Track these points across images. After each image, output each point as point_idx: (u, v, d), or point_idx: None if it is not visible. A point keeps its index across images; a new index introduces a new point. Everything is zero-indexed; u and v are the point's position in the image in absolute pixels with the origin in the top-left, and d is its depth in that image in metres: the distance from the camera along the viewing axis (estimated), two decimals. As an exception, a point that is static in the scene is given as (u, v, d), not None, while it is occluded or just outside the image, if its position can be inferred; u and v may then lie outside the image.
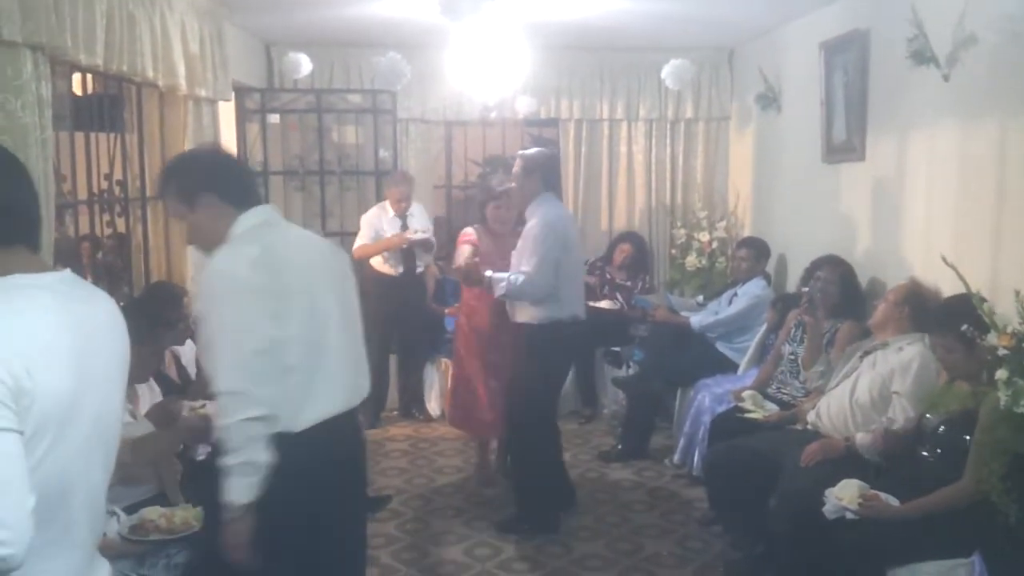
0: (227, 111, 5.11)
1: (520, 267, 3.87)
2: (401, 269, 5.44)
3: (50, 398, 1.31)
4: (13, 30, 2.57)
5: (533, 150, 4.27)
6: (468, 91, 5.31)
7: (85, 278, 3.08)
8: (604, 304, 5.61)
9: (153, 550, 2.54)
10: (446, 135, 6.64)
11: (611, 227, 6.48)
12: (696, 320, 5.08)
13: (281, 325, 2.09)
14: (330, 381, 2.21)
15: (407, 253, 5.44)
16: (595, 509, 4.26)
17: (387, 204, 5.51)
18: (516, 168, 4.05)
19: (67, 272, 1.53)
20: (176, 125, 4.20)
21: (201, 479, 2.69)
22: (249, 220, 2.19)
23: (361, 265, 5.67)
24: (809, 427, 3.60)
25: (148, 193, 4.12)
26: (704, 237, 6.15)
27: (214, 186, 2.20)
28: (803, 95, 5.02)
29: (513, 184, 4.12)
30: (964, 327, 2.70)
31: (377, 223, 5.44)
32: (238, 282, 2.07)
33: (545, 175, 4.00)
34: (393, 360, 5.73)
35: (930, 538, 2.65)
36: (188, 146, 4.22)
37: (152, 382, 3.18)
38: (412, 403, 5.75)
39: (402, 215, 5.41)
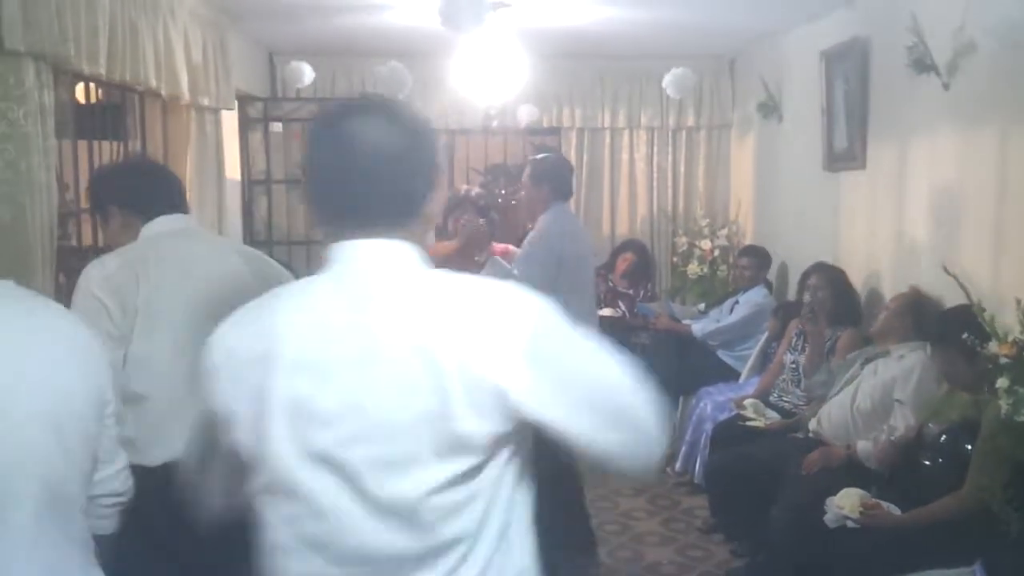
0: (230, 120, 5.12)
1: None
2: None
3: None
4: (15, 39, 2.57)
5: (543, 156, 4.04)
6: (470, 100, 5.33)
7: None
8: (606, 312, 5.61)
9: None
10: (448, 143, 6.65)
11: (613, 235, 6.48)
12: (698, 328, 5.08)
13: (119, 348, 1.96)
14: (185, 421, 2.03)
15: None
16: (596, 517, 4.24)
17: None
18: (525, 176, 3.81)
19: (10, 282, 1.50)
20: (179, 134, 4.21)
21: None
22: (150, 230, 2.15)
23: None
24: (811, 435, 3.60)
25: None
26: (706, 245, 6.15)
27: (116, 198, 2.21)
28: (804, 103, 5.03)
29: (478, 190, 4.04)
30: (965, 335, 2.70)
31: None
32: (82, 296, 1.99)
33: (556, 185, 3.72)
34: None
35: (931, 547, 2.65)
36: (191, 155, 4.24)
37: None
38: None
39: None
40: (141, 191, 2.21)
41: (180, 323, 2.04)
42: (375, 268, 1.25)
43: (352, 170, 1.24)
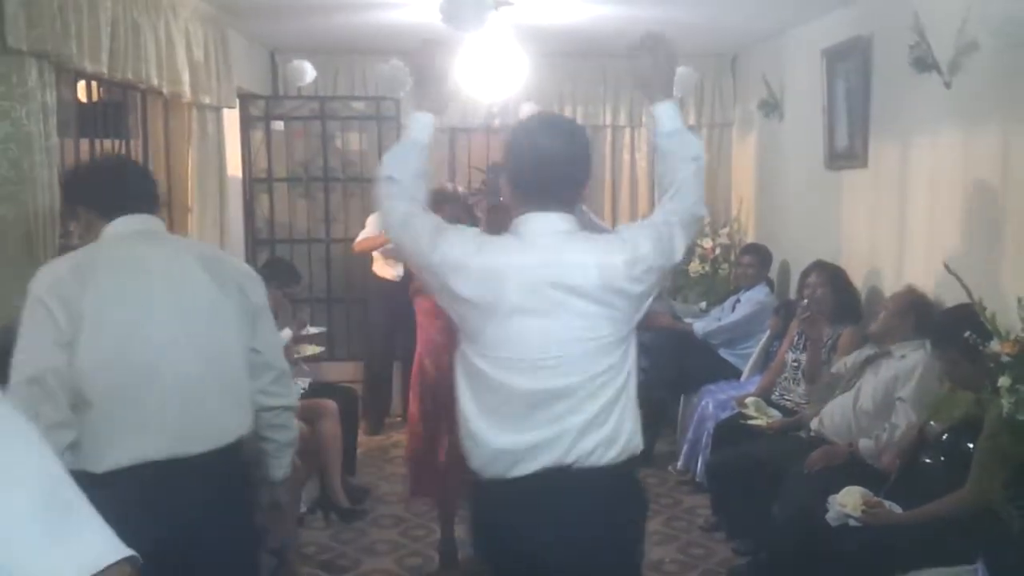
0: (231, 118, 5.12)
1: None
2: (401, 273, 5.45)
3: None
4: (18, 38, 2.58)
5: None
6: (472, 97, 5.33)
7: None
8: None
9: None
10: (450, 141, 6.65)
11: (614, 233, 6.48)
12: (699, 326, 5.08)
13: (65, 354, 1.93)
14: (149, 422, 1.99)
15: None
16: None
17: None
18: None
19: None
20: (180, 132, 4.22)
21: None
22: (110, 230, 2.12)
23: (365, 273, 5.70)
24: (812, 434, 3.60)
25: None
26: (707, 243, 6.15)
27: (79, 197, 2.20)
28: (805, 102, 5.03)
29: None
30: (967, 334, 2.69)
31: (381, 225, 5.45)
32: (32, 301, 1.96)
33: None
34: (396, 367, 5.73)
35: (933, 545, 2.65)
36: (193, 153, 4.24)
37: None
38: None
39: None
40: (102, 191, 2.18)
41: (129, 327, 2.00)
42: (549, 231, 1.91)
43: (538, 166, 1.91)
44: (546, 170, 1.90)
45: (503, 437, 1.90)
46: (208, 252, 2.29)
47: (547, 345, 1.87)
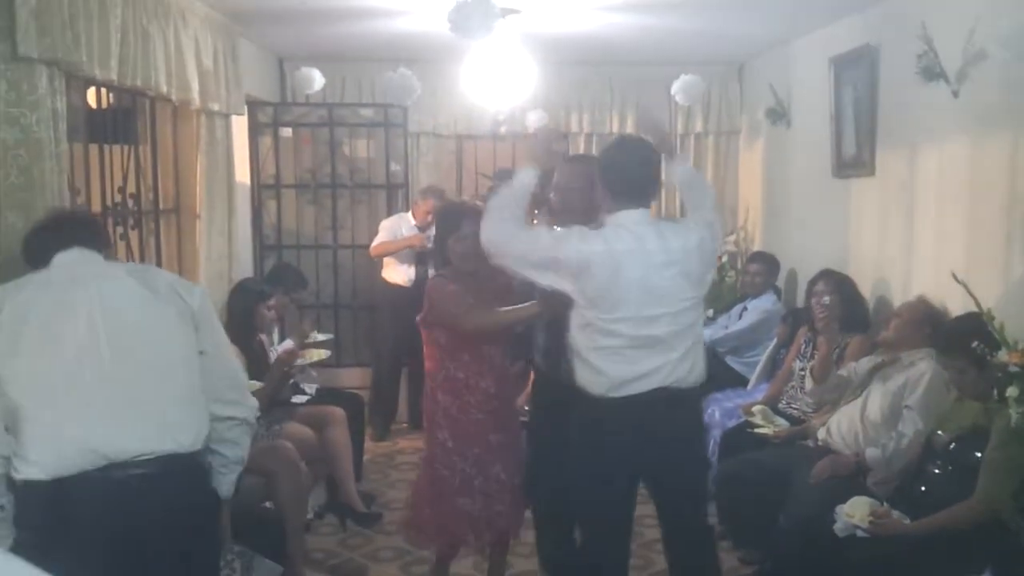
0: (240, 125, 5.15)
1: None
2: (413, 277, 5.45)
3: None
4: (29, 46, 2.60)
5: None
6: (479, 105, 5.34)
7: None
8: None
9: None
10: (457, 148, 6.67)
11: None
12: (706, 334, 5.05)
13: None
14: (63, 435, 2.00)
15: (420, 261, 5.45)
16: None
17: (407, 215, 5.54)
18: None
19: None
20: (189, 138, 4.24)
21: None
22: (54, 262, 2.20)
23: (372, 279, 5.71)
24: (819, 443, 3.59)
25: (161, 206, 4.16)
26: (714, 251, 6.13)
27: (27, 260, 2.30)
28: (813, 110, 5.03)
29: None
30: (975, 344, 2.68)
31: (396, 229, 5.47)
32: None
33: None
34: (404, 373, 5.73)
35: (941, 555, 2.63)
36: (201, 159, 4.25)
37: None
38: (422, 416, 5.73)
39: (424, 227, 5.40)
40: (33, 250, 2.27)
41: (53, 340, 2.03)
42: (639, 222, 2.63)
43: (629, 174, 2.65)
44: (631, 179, 2.63)
45: (618, 368, 2.58)
46: (136, 266, 2.39)
47: (651, 306, 2.56)
